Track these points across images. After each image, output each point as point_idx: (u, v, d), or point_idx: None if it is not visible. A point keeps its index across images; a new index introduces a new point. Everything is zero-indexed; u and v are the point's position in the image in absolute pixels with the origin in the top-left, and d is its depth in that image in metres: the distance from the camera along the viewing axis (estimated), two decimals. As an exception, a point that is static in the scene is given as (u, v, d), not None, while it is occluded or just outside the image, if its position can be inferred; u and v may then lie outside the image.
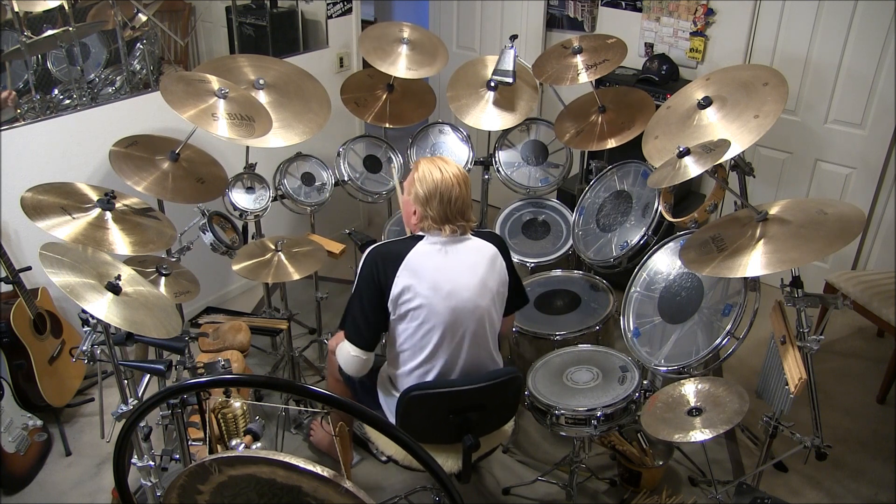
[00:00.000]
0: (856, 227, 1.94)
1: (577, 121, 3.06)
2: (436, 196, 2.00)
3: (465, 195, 2.02)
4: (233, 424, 2.19)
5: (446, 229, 2.02)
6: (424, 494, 2.54)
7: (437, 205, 2.00)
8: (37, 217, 1.95)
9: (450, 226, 2.02)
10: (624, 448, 2.52)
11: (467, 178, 2.06)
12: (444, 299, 1.98)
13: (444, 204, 2.00)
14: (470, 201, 2.06)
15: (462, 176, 2.03)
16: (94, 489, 2.58)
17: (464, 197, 2.02)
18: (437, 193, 1.99)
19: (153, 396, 1.35)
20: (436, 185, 2.00)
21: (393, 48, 3.17)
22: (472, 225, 2.07)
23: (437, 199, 1.99)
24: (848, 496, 2.58)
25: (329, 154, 3.20)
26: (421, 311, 1.99)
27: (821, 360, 3.21)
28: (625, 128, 2.89)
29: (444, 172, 2.01)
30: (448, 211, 2.00)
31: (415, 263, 1.98)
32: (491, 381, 2.03)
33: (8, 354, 2.56)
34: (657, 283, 2.54)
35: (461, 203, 2.02)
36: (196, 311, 3.42)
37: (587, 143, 2.97)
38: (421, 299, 1.97)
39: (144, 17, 3.20)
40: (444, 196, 1.99)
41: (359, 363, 2.08)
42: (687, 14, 3.56)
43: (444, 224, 2.01)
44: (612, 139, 2.89)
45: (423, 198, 2.01)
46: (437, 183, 2.00)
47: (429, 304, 1.98)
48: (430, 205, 2.01)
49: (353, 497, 1.24)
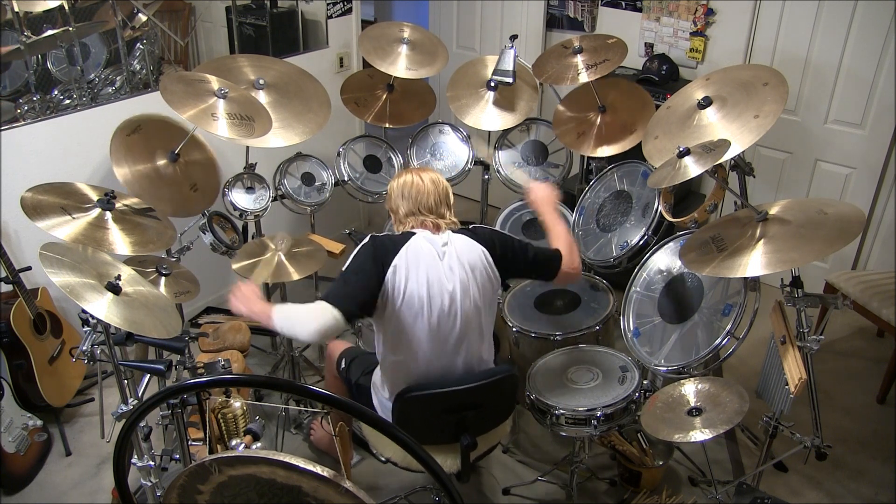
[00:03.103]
0: (856, 228, 1.94)
1: (575, 111, 3.05)
2: (406, 190, 2.12)
3: (434, 191, 2.12)
4: (233, 424, 2.19)
5: (428, 223, 2.09)
6: (424, 494, 2.54)
7: (407, 198, 2.11)
8: (37, 217, 1.95)
9: (426, 219, 2.09)
10: (624, 448, 2.51)
11: (440, 178, 2.16)
12: (435, 296, 1.99)
13: (414, 196, 2.10)
14: (444, 199, 2.13)
15: (433, 176, 2.15)
16: (94, 489, 2.58)
17: (432, 192, 2.11)
18: (407, 188, 2.12)
19: (153, 396, 1.35)
20: (405, 182, 2.13)
21: (393, 48, 3.17)
22: (447, 222, 2.11)
23: (407, 193, 2.11)
24: (848, 496, 2.58)
25: (329, 154, 3.20)
26: (412, 303, 2.00)
27: (821, 360, 3.20)
28: (622, 134, 2.90)
29: (413, 174, 2.15)
30: (420, 204, 2.10)
31: (410, 255, 2.02)
32: (486, 379, 2.04)
33: (8, 354, 2.56)
34: (657, 284, 2.54)
35: (432, 198, 2.11)
36: (196, 311, 3.42)
37: (583, 145, 2.97)
38: (411, 292, 1.99)
39: (144, 17, 3.20)
40: (413, 190, 2.11)
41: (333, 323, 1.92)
42: (687, 14, 3.56)
43: (419, 216, 2.10)
44: (607, 146, 2.91)
45: (398, 194, 2.14)
46: (406, 182, 2.13)
47: (419, 298, 1.99)
48: (402, 199, 2.13)
49: (353, 497, 1.24)
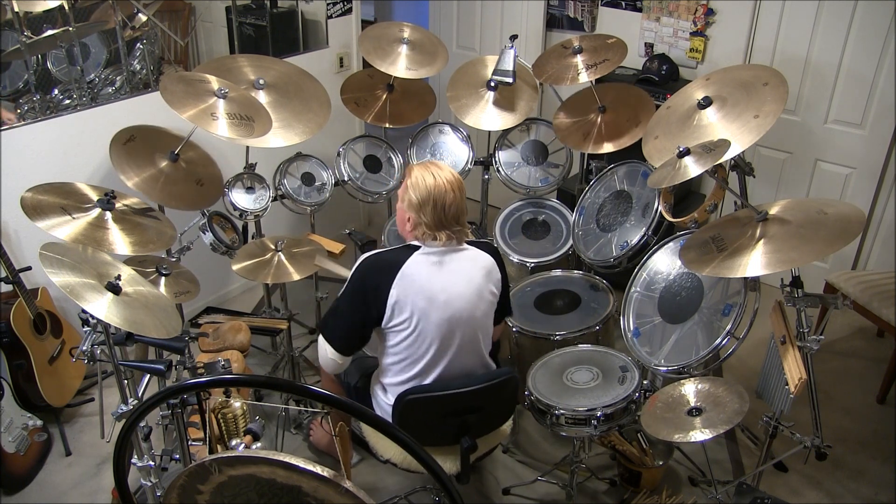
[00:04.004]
0: (856, 227, 1.94)
1: (575, 115, 3.05)
2: (429, 202, 1.95)
3: (458, 201, 1.97)
4: (233, 424, 2.19)
5: (441, 236, 1.97)
6: (424, 494, 2.54)
7: (430, 211, 1.95)
8: (37, 217, 1.95)
9: (445, 232, 1.97)
10: (624, 448, 2.52)
11: (461, 183, 2.01)
12: (439, 310, 1.97)
13: (438, 210, 1.95)
14: (464, 207, 2.01)
15: (456, 181, 1.99)
16: (94, 489, 2.58)
17: (458, 202, 1.97)
18: (431, 199, 1.95)
19: (153, 396, 1.35)
20: (429, 190, 1.95)
21: (393, 48, 3.17)
22: (467, 231, 2.04)
23: (430, 205, 1.95)
24: (848, 496, 2.58)
25: (329, 154, 3.20)
26: (415, 323, 1.98)
27: (821, 360, 3.20)
28: (623, 131, 2.89)
29: (437, 178, 1.96)
30: (442, 217, 1.96)
31: (410, 275, 1.95)
32: (487, 382, 2.03)
33: (8, 354, 2.56)
34: (657, 283, 2.54)
35: (455, 209, 1.97)
36: (196, 311, 3.42)
37: (585, 144, 2.97)
38: (415, 311, 1.96)
39: (144, 17, 3.20)
40: (438, 202, 1.95)
41: (335, 365, 2.12)
42: (687, 14, 3.56)
43: (439, 230, 1.97)
44: (609, 143, 2.90)
45: (417, 204, 1.97)
46: (430, 189, 1.95)
47: (423, 316, 1.97)
48: (423, 211, 1.96)
49: (353, 497, 1.24)
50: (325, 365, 2.15)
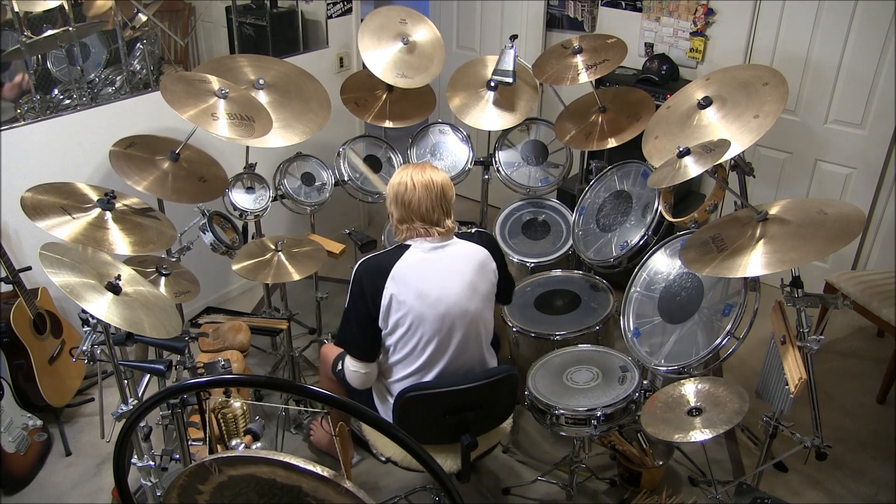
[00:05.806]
0: (855, 227, 1.94)
1: (577, 122, 3.06)
2: (399, 200, 2.07)
3: (424, 198, 2.03)
4: (233, 424, 2.19)
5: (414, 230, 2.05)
6: (424, 494, 2.54)
7: (398, 208, 2.07)
8: (37, 217, 1.95)
9: (406, 226, 2.06)
10: (624, 448, 2.51)
11: (436, 183, 2.05)
12: (432, 307, 2.00)
13: (405, 206, 2.05)
14: (438, 205, 2.05)
15: (425, 181, 2.05)
16: (94, 489, 2.58)
17: (424, 201, 2.03)
18: (398, 196, 2.07)
19: (153, 396, 1.35)
20: (394, 188, 2.07)
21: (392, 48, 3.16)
22: (445, 230, 2.06)
23: (399, 203, 2.07)
24: (848, 496, 2.58)
25: (329, 154, 3.20)
26: (411, 321, 2.01)
27: (821, 360, 3.20)
28: (625, 127, 2.89)
29: (408, 178, 2.06)
30: (410, 213, 2.05)
31: (401, 274, 2.00)
32: (486, 379, 2.04)
33: (8, 354, 2.56)
34: (657, 283, 2.54)
35: (422, 207, 2.03)
36: (196, 311, 3.41)
37: (588, 142, 2.97)
38: (409, 309, 2.00)
39: (144, 17, 3.20)
40: (404, 198, 2.05)
41: (363, 377, 2.13)
42: (687, 14, 3.56)
43: (403, 224, 2.07)
44: (612, 138, 2.89)
45: (389, 202, 2.11)
46: (395, 186, 2.07)
47: (418, 314, 2.00)
48: (394, 207, 2.09)
49: (353, 497, 1.24)
50: (352, 380, 2.15)
